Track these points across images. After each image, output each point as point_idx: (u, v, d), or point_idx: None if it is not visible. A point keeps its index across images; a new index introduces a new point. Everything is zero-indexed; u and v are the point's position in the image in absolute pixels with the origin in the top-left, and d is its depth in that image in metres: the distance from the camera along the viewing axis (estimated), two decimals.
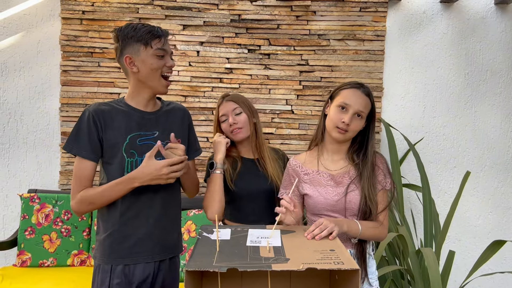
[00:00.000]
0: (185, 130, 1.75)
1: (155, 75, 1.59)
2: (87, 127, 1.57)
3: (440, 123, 3.11)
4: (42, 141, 3.04)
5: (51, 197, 2.76)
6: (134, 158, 1.60)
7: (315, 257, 1.13)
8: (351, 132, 1.58)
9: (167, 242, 1.68)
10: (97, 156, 1.59)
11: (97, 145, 1.57)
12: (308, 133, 3.04)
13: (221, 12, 2.99)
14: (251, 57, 3.01)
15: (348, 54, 3.02)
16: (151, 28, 1.56)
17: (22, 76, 3.01)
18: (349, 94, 1.59)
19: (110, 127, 1.58)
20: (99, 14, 2.95)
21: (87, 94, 2.99)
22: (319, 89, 3.03)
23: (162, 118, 1.68)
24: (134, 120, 1.61)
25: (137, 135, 1.61)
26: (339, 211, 1.60)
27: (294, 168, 1.70)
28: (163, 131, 1.66)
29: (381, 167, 1.64)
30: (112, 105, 1.63)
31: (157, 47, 1.56)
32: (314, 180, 1.65)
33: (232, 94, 1.95)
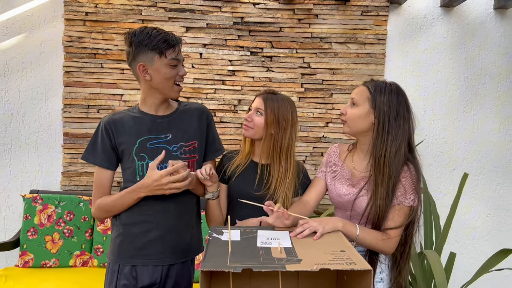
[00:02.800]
0: (202, 130, 1.73)
1: (169, 84, 1.60)
2: (100, 137, 1.64)
3: (440, 126, 3.14)
4: (44, 142, 3.04)
5: (54, 198, 2.76)
6: (145, 161, 1.62)
7: (327, 258, 1.15)
8: (350, 121, 1.57)
9: (179, 246, 1.67)
10: (112, 164, 1.66)
11: (111, 153, 1.64)
12: (310, 135, 3.06)
13: (224, 15, 3.01)
14: (253, 59, 3.03)
15: (349, 57, 3.05)
16: (166, 37, 1.55)
17: (25, 77, 3.01)
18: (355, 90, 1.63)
19: (121, 133, 1.63)
20: (102, 15, 2.96)
21: (89, 95, 3.00)
22: (321, 91, 3.05)
23: (177, 120, 1.68)
24: (144, 124, 1.63)
25: (147, 139, 1.63)
26: (347, 210, 1.63)
27: (330, 154, 1.76)
28: (176, 133, 1.66)
29: (404, 181, 1.54)
30: (125, 112, 1.68)
31: (172, 57, 1.57)
32: (337, 174, 1.68)
33: (272, 96, 1.78)
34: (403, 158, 1.54)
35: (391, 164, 1.51)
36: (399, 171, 1.53)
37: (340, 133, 3.07)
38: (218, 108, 3.04)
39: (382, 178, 1.52)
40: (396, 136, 1.52)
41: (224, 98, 3.04)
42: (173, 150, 1.65)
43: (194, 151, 1.70)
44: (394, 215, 1.53)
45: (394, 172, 1.52)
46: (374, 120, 1.53)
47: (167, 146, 1.64)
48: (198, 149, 1.71)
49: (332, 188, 1.68)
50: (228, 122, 3.06)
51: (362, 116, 1.54)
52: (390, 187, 1.52)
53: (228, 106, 3.04)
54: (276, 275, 1.26)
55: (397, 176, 1.52)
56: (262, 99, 1.77)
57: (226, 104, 3.04)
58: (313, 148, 3.08)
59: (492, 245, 3.16)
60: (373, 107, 1.53)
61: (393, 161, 1.52)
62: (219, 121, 3.04)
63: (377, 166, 1.54)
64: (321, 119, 3.06)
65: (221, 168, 1.87)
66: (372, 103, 1.53)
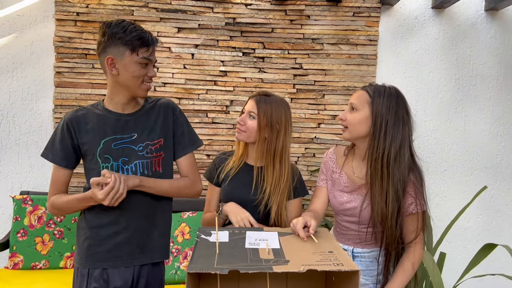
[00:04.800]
0: (168, 126, 1.66)
1: (136, 82, 1.53)
2: (61, 135, 1.59)
3: (431, 127, 3.16)
4: (34, 142, 3.02)
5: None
6: (110, 163, 1.57)
7: (315, 259, 1.15)
8: (351, 126, 1.54)
9: (148, 246, 1.63)
10: (70, 163, 1.61)
11: (70, 152, 1.59)
12: (301, 136, 3.06)
13: (216, 15, 3.01)
14: (245, 60, 3.03)
15: (341, 58, 3.05)
16: (142, 35, 1.49)
17: (15, 77, 2.99)
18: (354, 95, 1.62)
19: (84, 132, 1.57)
20: (94, 16, 2.95)
21: (80, 96, 2.98)
22: (313, 92, 3.06)
23: (142, 118, 1.62)
24: (108, 124, 1.57)
25: (112, 139, 1.57)
26: (353, 216, 1.62)
27: (327, 161, 1.73)
28: (142, 132, 1.60)
29: (411, 191, 1.52)
30: (89, 109, 1.61)
31: (143, 56, 1.51)
32: (336, 181, 1.67)
33: (265, 98, 1.75)
34: (407, 163, 1.51)
35: (390, 166, 1.48)
36: (405, 177, 1.49)
37: (332, 133, 3.07)
38: (210, 108, 3.03)
39: (380, 181, 1.50)
40: (395, 138, 1.49)
41: (216, 98, 3.03)
42: (139, 149, 1.59)
43: (160, 149, 1.63)
44: (411, 226, 1.54)
45: (396, 175, 1.48)
46: (372, 122, 1.51)
47: (133, 146, 1.59)
48: (164, 147, 1.65)
49: (332, 196, 1.68)
50: (220, 123, 3.05)
51: (363, 121, 1.52)
52: (391, 190, 1.48)
53: (220, 107, 3.04)
54: (264, 276, 1.25)
55: (403, 181, 1.49)
56: (254, 102, 1.74)
57: (218, 105, 3.04)
58: (305, 149, 3.08)
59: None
60: (372, 110, 1.51)
61: (393, 164, 1.48)
62: (211, 122, 3.04)
63: (374, 170, 1.51)
64: (313, 120, 3.07)
65: (214, 170, 1.85)
66: (371, 106, 1.51)
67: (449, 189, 3.18)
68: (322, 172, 1.75)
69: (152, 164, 1.61)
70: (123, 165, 1.57)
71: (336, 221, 1.74)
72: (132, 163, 1.57)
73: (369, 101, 1.52)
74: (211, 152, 3.05)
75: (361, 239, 1.64)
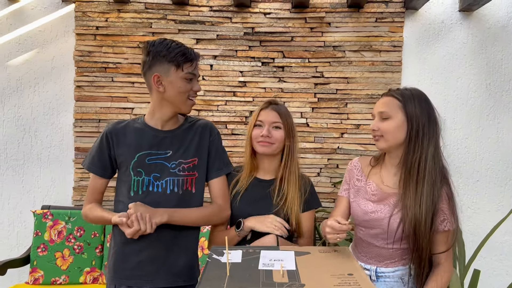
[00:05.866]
0: (204, 146, 1.66)
1: (182, 98, 1.56)
2: (99, 145, 1.63)
3: (462, 135, 3.00)
4: (56, 157, 3.03)
5: (64, 214, 2.73)
6: (141, 176, 1.58)
7: (333, 283, 1.06)
8: (388, 134, 1.47)
9: (173, 268, 1.59)
10: (106, 173, 1.65)
11: (107, 162, 1.63)
12: (324, 146, 2.96)
13: (234, 25, 2.96)
14: (265, 70, 2.96)
15: (364, 65, 2.95)
16: (185, 51, 1.53)
17: (37, 92, 3.02)
18: (377, 102, 1.55)
19: (122, 145, 1.61)
20: (113, 29, 2.95)
21: (100, 109, 2.98)
22: (335, 101, 2.96)
23: (179, 136, 1.63)
24: (145, 139, 1.60)
25: (147, 154, 1.59)
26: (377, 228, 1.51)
27: (351, 169, 1.67)
28: (177, 150, 1.61)
29: (443, 206, 1.45)
30: (128, 122, 1.66)
31: (188, 71, 1.54)
32: (361, 190, 1.59)
33: (280, 105, 1.73)
34: (440, 167, 1.47)
35: (427, 170, 1.44)
36: (440, 180, 1.44)
37: (356, 143, 2.96)
38: (230, 120, 2.98)
39: (415, 186, 1.44)
40: (432, 140, 1.46)
41: (235, 110, 2.98)
42: (172, 167, 1.59)
43: (194, 169, 1.63)
44: (440, 244, 1.47)
45: (432, 178, 1.43)
46: (406, 128, 1.46)
47: (166, 163, 1.59)
48: (198, 167, 1.64)
49: (356, 205, 1.58)
50: (239, 134, 2.98)
51: (399, 127, 1.46)
52: (425, 195, 1.42)
53: (240, 118, 2.98)
54: None
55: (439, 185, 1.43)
56: (275, 111, 1.68)
57: (238, 116, 2.98)
58: (328, 160, 2.97)
59: None
60: (406, 114, 1.46)
61: (431, 166, 1.44)
62: (230, 133, 2.98)
63: (410, 175, 1.45)
64: (336, 129, 2.96)
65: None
66: (405, 111, 1.46)
67: (482, 201, 3.00)
68: (345, 181, 1.68)
69: (183, 182, 1.60)
70: (154, 181, 1.57)
71: (357, 237, 1.63)
72: (163, 179, 1.57)
73: (400, 106, 1.47)
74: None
75: (385, 257, 1.53)
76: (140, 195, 1.56)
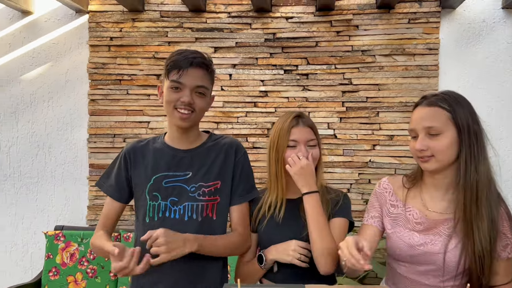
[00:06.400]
0: (228, 168, 1.47)
1: (168, 108, 1.40)
2: (117, 165, 1.50)
3: (509, 145, 2.69)
4: (70, 174, 2.90)
5: (77, 235, 2.58)
6: (157, 201, 1.42)
7: None
8: (440, 154, 1.23)
9: None
10: (122, 196, 1.50)
11: (124, 185, 1.49)
12: (354, 159, 2.71)
13: (254, 32, 2.77)
14: (287, 78, 2.76)
15: (396, 70, 2.70)
16: (179, 58, 1.37)
17: (51, 107, 2.90)
18: (412, 117, 1.31)
19: (139, 166, 1.47)
20: (127, 39, 2.82)
21: (115, 124, 2.83)
22: (365, 110, 2.71)
23: (200, 156, 1.46)
24: (163, 159, 1.45)
25: (164, 176, 1.43)
26: (429, 264, 1.26)
27: (382, 192, 1.41)
28: (197, 171, 1.43)
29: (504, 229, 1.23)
30: (148, 141, 1.52)
31: (172, 79, 1.37)
32: (399, 218, 1.34)
33: (308, 118, 1.54)
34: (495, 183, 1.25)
35: (487, 187, 1.22)
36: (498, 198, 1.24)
37: (389, 156, 2.70)
38: (250, 132, 2.77)
39: (476, 209, 1.20)
40: (484, 153, 1.24)
41: (256, 121, 2.77)
42: (191, 190, 1.42)
43: (216, 193, 1.44)
44: (504, 270, 1.23)
45: (493, 196, 1.23)
46: (460, 142, 1.22)
47: (185, 186, 1.43)
48: (221, 191, 1.46)
49: (397, 237, 1.32)
50: (261, 147, 2.78)
51: (452, 144, 1.23)
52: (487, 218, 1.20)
53: (261, 130, 2.77)
54: None
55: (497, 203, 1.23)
56: (307, 127, 1.49)
57: (259, 128, 2.77)
58: (358, 175, 2.72)
59: None
60: (458, 127, 1.23)
61: (488, 183, 1.23)
62: (251, 147, 2.77)
63: (470, 197, 1.21)
64: (367, 141, 2.71)
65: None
66: (455, 122, 1.23)
67: None
68: (372, 206, 1.43)
69: (203, 208, 1.43)
70: (172, 206, 1.42)
71: (395, 273, 1.37)
72: (181, 204, 1.42)
73: (449, 117, 1.23)
74: None
75: None
76: (156, 222, 1.41)
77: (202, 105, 1.41)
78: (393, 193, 1.39)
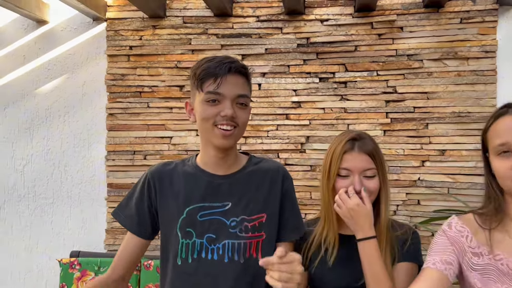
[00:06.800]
0: (275, 198, 1.24)
1: (205, 126, 1.16)
2: (139, 192, 1.26)
3: None
4: (87, 194, 2.68)
5: (93, 263, 2.35)
6: (191, 239, 1.19)
7: None
8: None
9: None
10: (144, 231, 1.25)
11: (146, 217, 1.24)
12: (400, 178, 2.41)
13: (285, 37, 2.52)
14: (323, 87, 2.48)
15: (448, 77, 2.39)
16: (213, 64, 1.14)
17: (67, 122, 2.70)
18: (500, 128, 1.02)
19: (166, 195, 1.23)
20: (148, 48, 2.60)
21: (135, 140, 2.61)
22: (412, 122, 2.41)
23: (241, 183, 1.23)
24: (197, 186, 1.22)
25: (199, 208, 1.20)
26: None
27: (456, 237, 1.12)
28: (238, 202, 1.20)
29: None
30: (177, 164, 1.28)
31: (208, 90, 1.14)
32: (489, 270, 1.05)
33: (368, 142, 1.28)
34: None
35: None
36: None
37: (441, 174, 2.39)
38: (282, 148, 2.50)
39: None
40: None
41: (288, 135, 2.50)
42: (231, 225, 1.19)
43: (261, 228, 1.21)
44: None
45: None
46: None
47: (224, 219, 1.19)
48: (266, 225, 1.22)
49: None
50: (295, 164, 2.50)
51: None
52: None
53: (294, 145, 2.50)
54: None
55: None
56: (363, 154, 1.25)
57: (292, 142, 2.50)
58: (406, 195, 2.41)
59: None
60: None
61: None
62: (283, 164, 2.49)
63: None
64: (415, 157, 2.40)
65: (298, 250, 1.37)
66: None
67: None
68: (443, 249, 1.12)
69: (246, 247, 1.20)
70: (209, 244, 1.19)
71: None
72: (220, 243, 1.19)
73: None
74: None
75: None
76: (190, 264, 1.18)
77: (245, 118, 1.19)
78: (472, 238, 1.09)
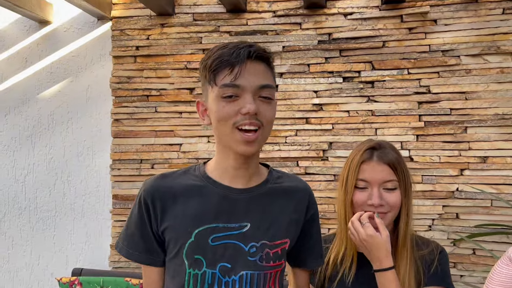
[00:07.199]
0: (298, 223, 1.04)
1: (223, 129, 0.92)
2: (138, 218, 1.00)
3: None
4: (91, 206, 2.49)
5: (95, 282, 2.15)
6: (201, 269, 0.95)
7: None
8: None
9: None
10: (156, 259, 1.01)
11: (153, 243, 1.00)
12: (436, 188, 2.15)
13: (305, 33, 2.29)
14: (348, 87, 2.25)
15: (489, 74, 2.14)
16: (227, 51, 0.90)
17: (70, 129, 2.52)
18: None
19: (169, 214, 0.97)
20: (155, 48, 2.41)
21: (142, 147, 2.41)
22: (449, 125, 2.15)
23: (262, 200, 0.99)
24: (209, 203, 0.96)
25: (211, 229, 0.95)
26: None
27: None
28: (258, 224, 0.97)
29: None
30: (179, 174, 1.02)
31: (223, 83, 0.89)
32: None
33: (389, 151, 1.16)
34: None
35: None
36: None
37: (483, 183, 2.12)
38: (302, 155, 2.27)
39: None
40: None
41: (309, 141, 2.27)
42: (250, 252, 0.96)
43: (282, 256, 1.00)
44: None
45: None
46: None
47: (242, 244, 0.95)
48: (286, 253, 1.04)
49: None
50: (316, 173, 2.27)
51: None
52: None
53: (315, 152, 2.26)
54: None
55: None
56: (385, 164, 1.13)
57: (312, 149, 2.26)
58: (442, 208, 2.15)
59: None
60: None
61: None
62: (303, 173, 2.27)
63: None
64: (453, 164, 2.15)
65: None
66: None
67: None
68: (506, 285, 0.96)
69: (267, 279, 0.98)
70: (223, 276, 0.95)
71: None
72: (237, 274, 0.95)
73: None
74: None
75: None
76: None
77: (270, 115, 0.94)
78: None
